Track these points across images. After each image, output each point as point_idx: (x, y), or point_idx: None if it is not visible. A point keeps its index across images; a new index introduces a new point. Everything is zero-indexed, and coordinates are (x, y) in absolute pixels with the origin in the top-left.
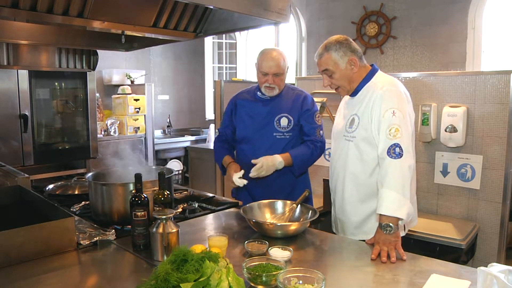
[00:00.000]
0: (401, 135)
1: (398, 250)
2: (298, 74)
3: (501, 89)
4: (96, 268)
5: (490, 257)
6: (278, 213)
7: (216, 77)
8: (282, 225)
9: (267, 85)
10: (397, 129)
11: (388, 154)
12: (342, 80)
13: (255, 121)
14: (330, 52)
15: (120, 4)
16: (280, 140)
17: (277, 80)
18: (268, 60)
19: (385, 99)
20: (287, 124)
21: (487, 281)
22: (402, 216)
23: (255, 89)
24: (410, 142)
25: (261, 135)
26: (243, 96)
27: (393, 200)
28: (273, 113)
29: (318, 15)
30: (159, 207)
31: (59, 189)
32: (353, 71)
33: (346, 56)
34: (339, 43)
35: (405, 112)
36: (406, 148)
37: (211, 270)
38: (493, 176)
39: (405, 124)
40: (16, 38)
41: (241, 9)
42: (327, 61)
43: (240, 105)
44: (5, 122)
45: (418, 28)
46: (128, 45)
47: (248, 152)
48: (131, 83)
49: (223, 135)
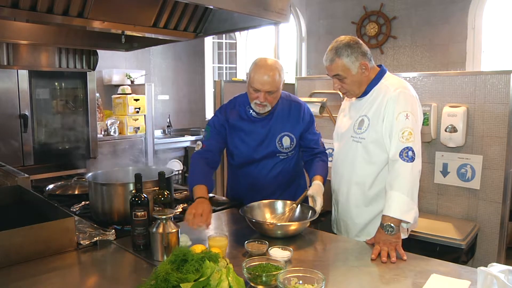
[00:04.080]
0: (413, 138)
1: (398, 251)
2: (298, 74)
3: (501, 89)
4: (96, 268)
5: (490, 257)
6: (278, 213)
7: (216, 77)
8: (282, 225)
9: (258, 102)
10: (410, 132)
11: (401, 156)
12: (352, 85)
13: (255, 144)
14: (342, 58)
15: (120, 4)
16: (285, 161)
17: (269, 98)
18: (261, 74)
19: (399, 101)
20: (289, 143)
21: (487, 281)
22: (409, 220)
23: (245, 104)
24: (420, 145)
25: (263, 158)
26: (235, 115)
27: (402, 203)
28: (273, 133)
29: (318, 15)
30: (159, 207)
31: (59, 189)
32: (364, 75)
33: (358, 61)
34: (351, 48)
35: (417, 116)
36: (417, 153)
37: (211, 270)
38: (493, 176)
39: (418, 128)
40: (16, 38)
41: (241, 9)
42: (338, 67)
43: (236, 127)
44: (5, 122)
45: (418, 28)
46: (128, 45)
47: (250, 175)
48: (131, 83)
49: (208, 151)
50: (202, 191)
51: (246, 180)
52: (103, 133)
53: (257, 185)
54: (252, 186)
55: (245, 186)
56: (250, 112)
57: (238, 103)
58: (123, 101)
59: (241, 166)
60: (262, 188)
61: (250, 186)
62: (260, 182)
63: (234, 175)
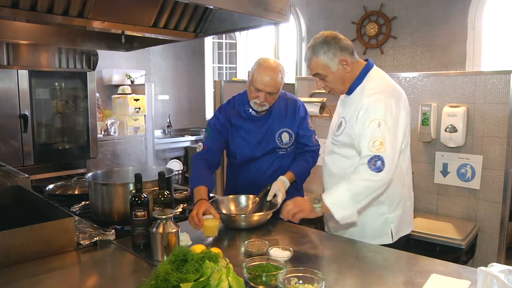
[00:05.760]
0: (384, 149)
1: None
2: (298, 74)
3: (501, 89)
4: (96, 268)
5: (490, 257)
6: (242, 206)
7: (216, 77)
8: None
9: (258, 102)
10: (381, 142)
11: (369, 164)
12: (335, 83)
13: (256, 142)
14: (319, 56)
15: (120, 4)
16: (284, 156)
17: (269, 98)
18: (264, 75)
19: (372, 108)
20: (288, 139)
21: (487, 281)
22: (337, 217)
23: (244, 103)
24: (394, 156)
25: (264, 155)
26: (235, 114)
27: (341, 200)
28: (272, 130)
29: (318, 15)
30: (159, 207)
31: (59, 189)
32: (346, 71)
33: (336, 57)
34: (327, 44)
35: (392, 123)
36: (388, 163)
37: (211, 270)
38: (493, 176)
39: (391, 137)
40: (16, 38)
41: (241, 9)
42: (317, 66)
43: (236, 126)
44: (5, 122)
45: (418, 28)
46: (128, 45)
47: (251, 172)
48: (131, 83)
49: (209, 151)
50: (202, 192)
51: (245, 177)
52: (103, 133)
53: (255, 181)
54: (251, 183)
55: (244, 183)
56: (249, 111)
57: (237, 103)
58: (123, 101)
59: (241, 164)
60: (260, 184)
61: (248, 183)
62: (258, 178)
63: (233, 173)
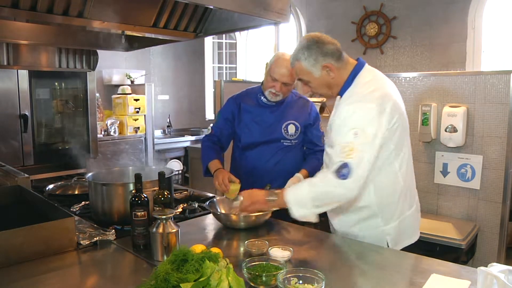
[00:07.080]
0: (354, 156)
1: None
2: None
3: (501, 89)
4: (96, 268)
5: (490, 257)
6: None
7: (216, 77)
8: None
9: (273, 91)
10: (351, 148)
11: (336, 171)
12: (320, 88)
13: (262, 128)
14: (300, 61)
15: (120, 4)
16: (287, 148)
17: (284, 89)
18: (281, 67)
19: (350, 117)
20: (294, 131)
21: (487, 281)
22: (294, 214)
23: (257, 92)
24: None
25: (268, 142)
26: (246, 100)
27: (301, 198)
28: (280, 120)
29: (318, 15)
30: (159, 207)
31: (59, 189)
32: (330, 77)
33: (318, 63)
34: (308, 50)
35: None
36: (356, 171)
37: (211, 270)
38: (493, 176)
39: (366, 146)
40: (16, 38)
41: (241, 9)
42: (299, 71)
43: (245, 110)
44: (5, 122)
45: (418, 28)
46: (128, 45)
47: (253, 159)
48: (131, 83)
49: (216, 135)
50: (217, 164)
51: (247, 165)
52: (103, 133)
53: (256, 171)
54: (252, 173)
55: (245, 172)
56: (261, 98)
57: (251, 92)
58: (123, 101)
59: (245, 148)
60: (261, 175)
61: (250, 172)
62: (259, 167)
63: (236, 160)
